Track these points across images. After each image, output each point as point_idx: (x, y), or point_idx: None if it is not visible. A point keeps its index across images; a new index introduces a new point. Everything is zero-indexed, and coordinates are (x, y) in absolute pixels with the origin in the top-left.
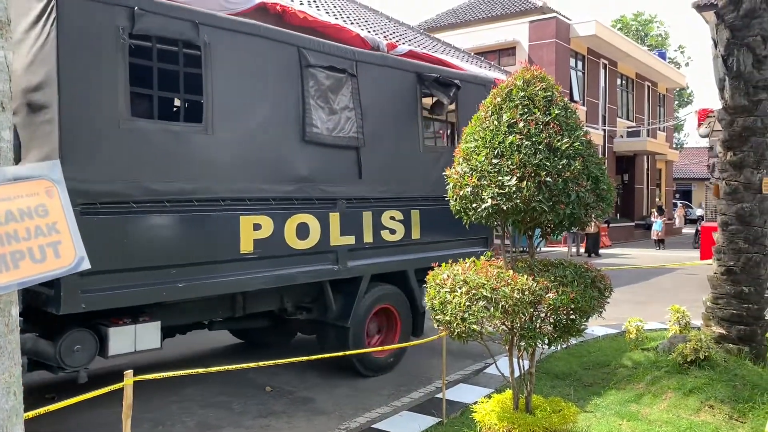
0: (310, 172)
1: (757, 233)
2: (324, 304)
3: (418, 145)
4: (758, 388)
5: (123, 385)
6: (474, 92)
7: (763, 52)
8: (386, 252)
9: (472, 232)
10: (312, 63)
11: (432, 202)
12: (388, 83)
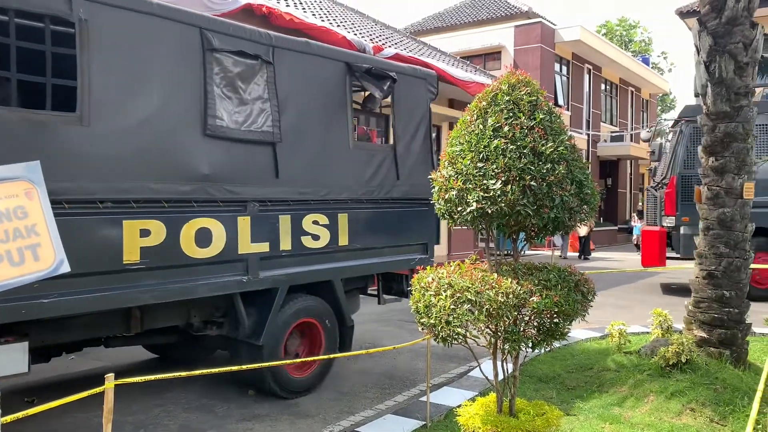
0: (212, 171)
1: (738, 238)
2: (236, 319)
3: (348, 141)
4: (738, 392)
5: (104, 388)
6: (413, 87)
7: (745, 59)
8: (308, 260)
9: (410, 237)
10: (217, 46)
11: (364, 205)
12: (311, 73)
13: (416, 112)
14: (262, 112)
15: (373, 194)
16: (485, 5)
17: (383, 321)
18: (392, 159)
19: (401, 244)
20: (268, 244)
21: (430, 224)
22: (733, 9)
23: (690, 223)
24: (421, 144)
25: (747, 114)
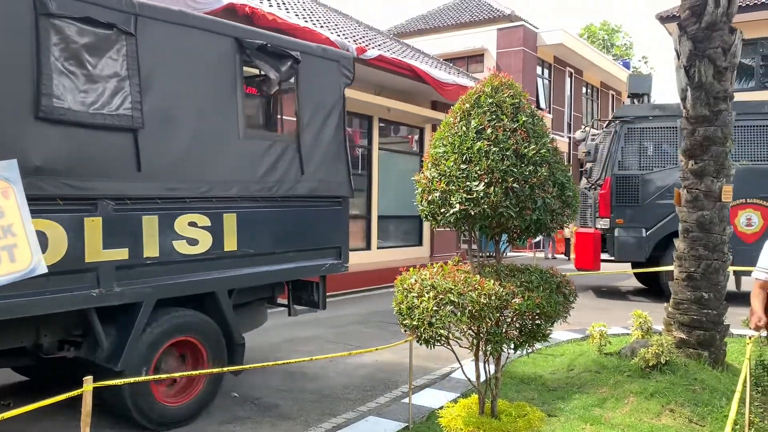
0: (47, 161)
1: (717, 240)
2: (94, 340)
3: (237, 129)
4: (717, 392)
5: (82, 391)
6: (324, 70)
7: (724, 64)
8: (183, 269)
9: (319, 240)
10: (55, 11)
11: (259, 204)
12: (189, 48)
13: (327, 99)
14: (118, 93)
15: (272, 191)
16: (468, 8)
17: (365, 322)
18: (296, 151)
19: (308, 248)
20: (127, 250)
21: (343, 225)
22: (712, 14)
23: (624, 225)
24: (332, 135)
25: (726, 118)
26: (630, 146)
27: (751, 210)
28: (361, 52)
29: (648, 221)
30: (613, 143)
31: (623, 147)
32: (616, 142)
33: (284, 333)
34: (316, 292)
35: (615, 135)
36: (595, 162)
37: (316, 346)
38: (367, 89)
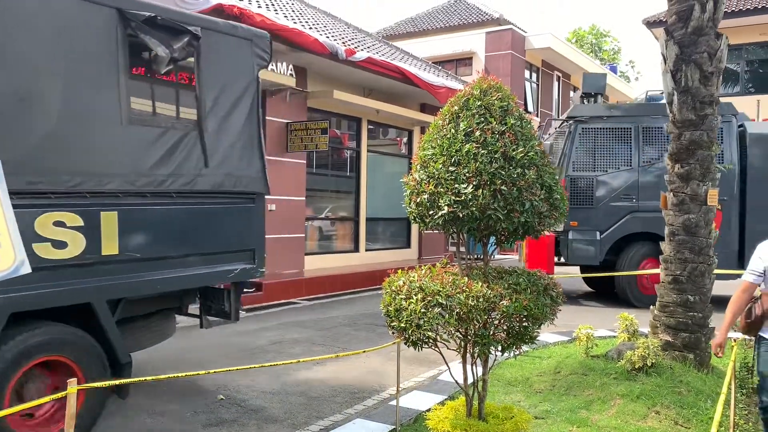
0: None
1: (702, 244)
2: None
3: (118, 114)
4: (702, 394)
5: (66, 393)
6: (232, 49)
7: (710, 69)
8: (45, 277)
9: (227, 242)
10: None
11: (147, 200)
12: (53, 19)
13: (236, 82)
14: None
15: (164, 186)
16: (457, 11)
17: (353, 325)
18: (196, 140)
19: (213, 252)
20: None
21: (257, 226)
22: (698, 19)
23: (578, 227)
24: (243, 124)
25: (711, 122)
26: (584, 147)
27: None
28: (350, 54)
29: (602, 224)
30: (567, 143)
31: (577, 147)
32: (570, 142)
33: (271, 335)
34: (228, 302)
35: (569, 135)
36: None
37: (303, 348)
38: (356, 91)
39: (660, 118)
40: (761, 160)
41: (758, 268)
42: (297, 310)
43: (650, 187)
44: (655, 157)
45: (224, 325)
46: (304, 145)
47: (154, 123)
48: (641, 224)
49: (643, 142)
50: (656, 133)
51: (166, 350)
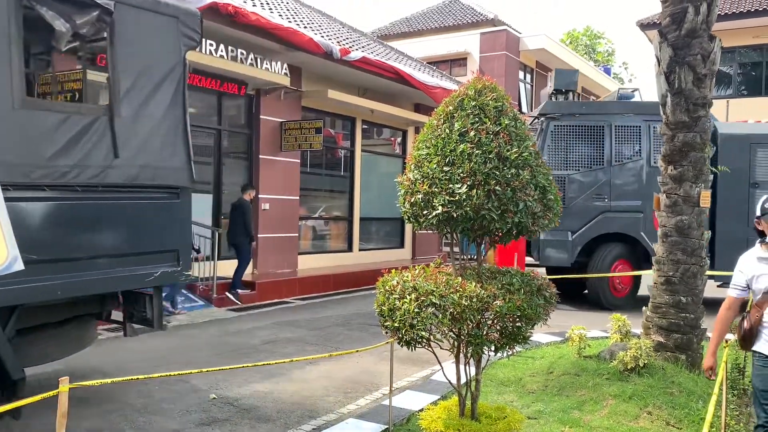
0: None
1: (695, 245)
2: None
3: (9, 96)
4: (693, 395)
5: (58, 392)
6: (154, 26)
7: (703, 71)
8: None
9: (146, 241)
10: None
11: (46, 194)
12: None
13: (158, 64)
14: None
15: (66, 178)
16: (452, 12)
17: (346, 324)
18: (107, 128)
19: (128, 253)
20: None
21: (181, 223)
22: (692, 22)
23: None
24: (165, 110)
25: (704, 124)
26: (556, 144)
27: None
28: (345, 54)
29: (574, 224)
30: (539, 141)
31: (549, 145)
32: (542, 139)
33: (264, 335)
34: (149, 308)
35: (540, 132)
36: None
37: (296, 348)
38: (351, 91)
39: (632, 117)
40: (732, 161)
41: (740, 282)
42: (290, 310)
43: (623, 186)
44: (627, 155)
45: (218, 325)
46: (298, 144)
47: (54, 108)
48: (613, 225)
49: (616, 141)
50: (628, 132)
51: (157, 349)
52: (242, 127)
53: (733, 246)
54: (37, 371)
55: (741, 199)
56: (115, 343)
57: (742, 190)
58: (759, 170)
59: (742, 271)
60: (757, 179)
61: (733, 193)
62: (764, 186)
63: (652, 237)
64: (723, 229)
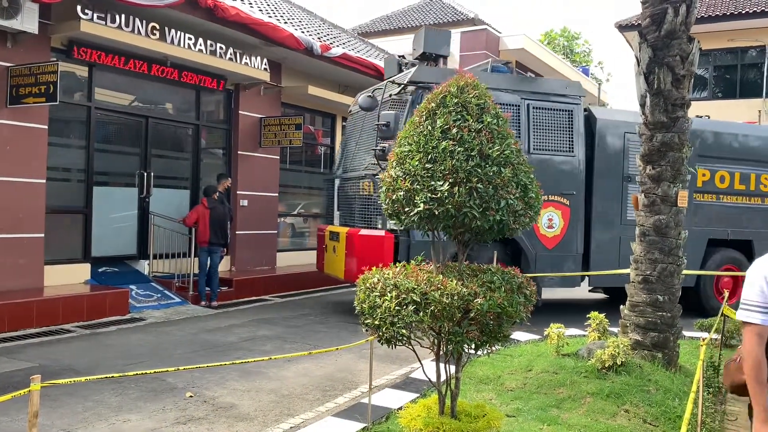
0: None
1: (672, 244)
2: None
3: None
4: (670, 393)
5: (29, 390)
6: None
7: (682, 72)
8: None
9: None
10: None
11: None
12: None
13: None
14: None
15: None
16: (433, 10)
17: (325, 322)
18: None
19: None
20: None
21: None
22: (671, 23)
23: None
24: None
25: (683, 125)
26: None
27: (552, 209)
28: (325, 50)
29: None
30: (410, 115)
31: None
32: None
33: (242, 332)
34: None
35: (412, 106)
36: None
37: (274, 346)
38: (331, 87)
39: (511, 94)
40: (610, 150)
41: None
42: (268, 307)
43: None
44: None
45: (194, 322)
46: (277, 140)
47: None
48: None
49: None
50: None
51: (132, 346)
52: (221, 123)
53: (606, 245)
54: (7, 369)
55: (615, 193)
56: (89, 340)
57: (615, 184)
58: (633, 162)
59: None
60: (630, 172)
61: (608, 187)
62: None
63: (530, 238)
64: (599, 226)
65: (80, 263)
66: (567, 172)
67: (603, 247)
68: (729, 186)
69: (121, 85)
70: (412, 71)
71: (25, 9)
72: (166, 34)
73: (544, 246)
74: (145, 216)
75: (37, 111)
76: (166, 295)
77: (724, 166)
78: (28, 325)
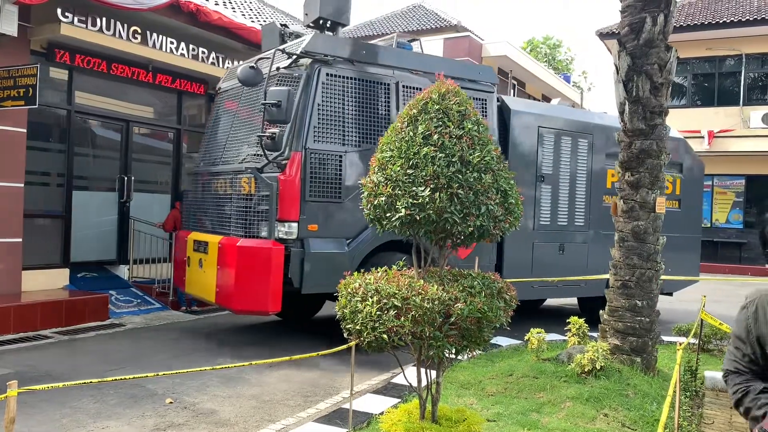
0: None
1: (650, 250)
2: None
3: None
4: (648, 397)
5: (5, 397)
6: None
7: (660, 80)
8: None
9: None
10: None
11: None
12: None
13: None
14: None
15: None
16: (416, 17)
17: (304, 329)
18: None
19: None
20: None
21: None
22: (650, 32)
23: (320, 233)
24: None
25: (661, 132)
26: (329, 104)
27: None
28: None
29: (351, 227)
30: (303, 96)
31: (320, 104)
32: (310, 93)
33: (223, 337)
34: None
35: (307, 83)
36: (286, 123)
37: (255, 351)
38: None
39: (422, 77)
40: (524, 147)
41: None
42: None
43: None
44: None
45: (174, 327)
46: None
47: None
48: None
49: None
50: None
51: (111, 352)
52: (203, 127)
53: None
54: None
55: (527, 196)
56: (68, 346)
57: (529, 185)
58: (545, 160)
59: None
60: (543, 172)
61: (525, 183)
62: (549, 180)
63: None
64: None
65: (59, 268)
66: None
67: (515, 256)
68: None
69: (102, 88)
70: (307, 39)
71: (4, 11)
72: (148, 37)
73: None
74: (125, 221)
75: (16, 114)
76: (146, 300)
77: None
78: (5, 331)
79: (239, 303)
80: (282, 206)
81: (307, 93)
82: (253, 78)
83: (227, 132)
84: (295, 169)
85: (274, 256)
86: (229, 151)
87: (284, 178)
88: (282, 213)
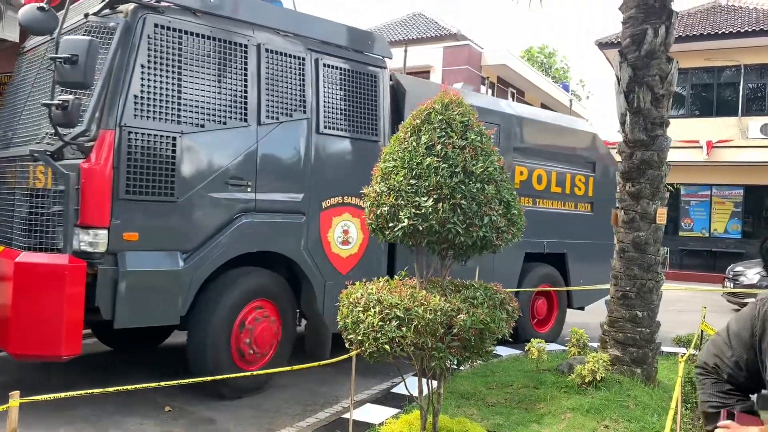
0: None
1: (651, 261)
2: None
3: None
4: (648, 408)
5: (7, 407)
6: None
7: (661, 91)
8: None
9: None
10: None
11: None
12: None
13: None
14: None
15: None
16: (416, 25)
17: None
18: None
19: None
20: None
21: None
22: (651, 43)
23: (142, 244)
24: None
25: (662, 143)
26: (160, 66)
27: (348, 216)
28: None
29: (189, 237)
30: (120, 53)
31: (145, 65)
32: (129, 50)
33: None
34: None
35: (125, 35)
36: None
37: None
38: None
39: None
40: None
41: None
42: None
43: (277, 165)
44: (284, 107)
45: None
46: None
47: None
48: (260, 237)
49: (267, 78)
50: (286, 65)
51: (111, 361)
52: None
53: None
54: None
55: None
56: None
57: None
58: None
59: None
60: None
61: None
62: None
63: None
64: None
65: None
66: (369, 162)
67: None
68: (546, 188)
69: None
70: None
71: (6, 17)
72: None
73: (337, 270)
74: None
75: None
76: None
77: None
78: None
79: (19, 345)
80: (85, 206)
81: (125, 48)
82: (40, 23)
83: (24, 104)
84: (104, 154)
85: (70, 276)
86: (23, 131)
87: (88, 167)
88: (84, 216)
